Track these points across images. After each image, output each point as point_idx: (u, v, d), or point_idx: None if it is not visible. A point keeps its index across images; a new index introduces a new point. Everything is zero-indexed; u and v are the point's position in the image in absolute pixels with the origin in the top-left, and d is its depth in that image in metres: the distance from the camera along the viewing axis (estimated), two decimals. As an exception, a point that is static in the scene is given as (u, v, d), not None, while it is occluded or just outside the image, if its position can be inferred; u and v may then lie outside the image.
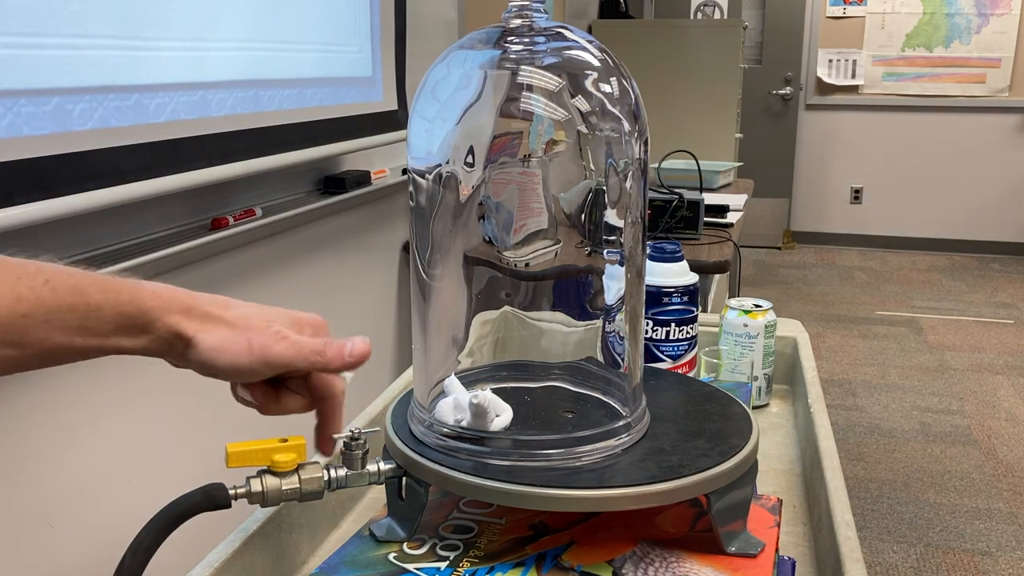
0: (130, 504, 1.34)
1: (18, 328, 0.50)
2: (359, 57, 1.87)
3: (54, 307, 0.51)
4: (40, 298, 0.51)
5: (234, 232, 1.50)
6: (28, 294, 0.50)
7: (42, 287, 0.51)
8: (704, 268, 1.99)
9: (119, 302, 0.54)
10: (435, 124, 0.65)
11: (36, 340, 0.51)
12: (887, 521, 2.41)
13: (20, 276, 0.51)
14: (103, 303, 0.53)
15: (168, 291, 0.57)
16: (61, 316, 0.52)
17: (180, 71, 1.30)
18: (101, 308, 0.53)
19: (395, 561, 0.61)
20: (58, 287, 0.52)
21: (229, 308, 0.58)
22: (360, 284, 2.13)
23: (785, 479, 0.89)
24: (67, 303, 0.52)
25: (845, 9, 5.60)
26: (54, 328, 0.52)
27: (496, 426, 0.63)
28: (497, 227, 0.65)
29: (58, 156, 1.08)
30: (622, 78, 0.64)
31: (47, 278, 0.52)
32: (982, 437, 2.91)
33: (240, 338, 0.56)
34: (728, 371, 1.04)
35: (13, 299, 0.50)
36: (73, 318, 0.52)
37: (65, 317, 0.52)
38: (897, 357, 3.69)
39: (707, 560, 0.61)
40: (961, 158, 5.58)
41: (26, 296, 0.50)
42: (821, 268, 5.30)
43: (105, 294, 0.53)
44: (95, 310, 0.53)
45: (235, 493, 0.59)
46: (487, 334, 0.69)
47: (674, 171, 2.74)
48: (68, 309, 0.52)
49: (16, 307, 0.50)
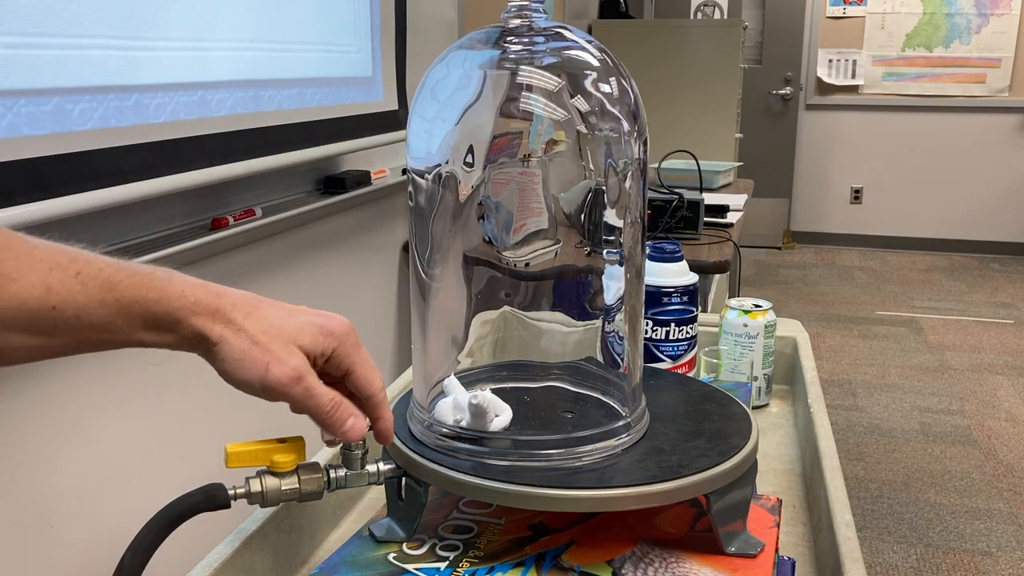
0: (130, 504, 1.34)
1: (47, 320, 0.51)
2: (359, 57, 1.87)
3: (83, 302, 0.52)
4: (70, 292, 0.51)
5: (234, 232, 1.50)
6: (59, 287, 0.51)
7: (73, 280, 0.51)
8: (704, 268, 1.99)
9: (148, 300, 0.54)
10: (434, 124, 0.65)
11: (64, 331, 0.52)
12: (887, 521, 2.41)
13: (52, 267, 0.51)
14: (132, 301, 0.53)
15: (198, 290, 0.56)
16: (90, 311, 0.52)
17: (180, 71, 1.30)
18: (129, 307, 0.53)
19: (395, 561, 0.61)
20: (88, 282, 0.52)
21: (256, 314, 0.57)
22: (360, 284, 2.13)
23: (785, 479, 0.89)
24: (96, 299, 0.52)
25: (845, 9, 5.60)
26: (83, 322, 0.52)
27: (496, 426, 0.63)
28: (497, 227, 0.65)
29: (58, 156, 1.08)
30: (621, 78, 0.64)
31: (78, 270, 0.52)
32: (982, 437, 2.91)
33: (259, 359, 0.56)
34: (728, 371, 1.04)
35: (43, 290, 0.50)
36: (102, 314, 0.53)
37: (94, 312, 0.52)
38: (897, 357, 3.69)
39: (707, 560, 0.61)
40: (961, 158, 5.58)
41: (56, 288, 0.51)
42: (821, 268, 5.30)
43: (135, 291, 0.53)
44: (124, 308, 0.53)
45: (235, 493, 0.59)
46: (487, 334, 0.69)
47: (674, 171, 2.74)
48: (98, 304, 0.52)
49: (46, 298, 0.50)
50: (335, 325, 0.59)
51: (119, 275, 0.53)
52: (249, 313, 0.57)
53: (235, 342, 0.56)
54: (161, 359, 1.40)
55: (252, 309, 0.57)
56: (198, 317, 0.55)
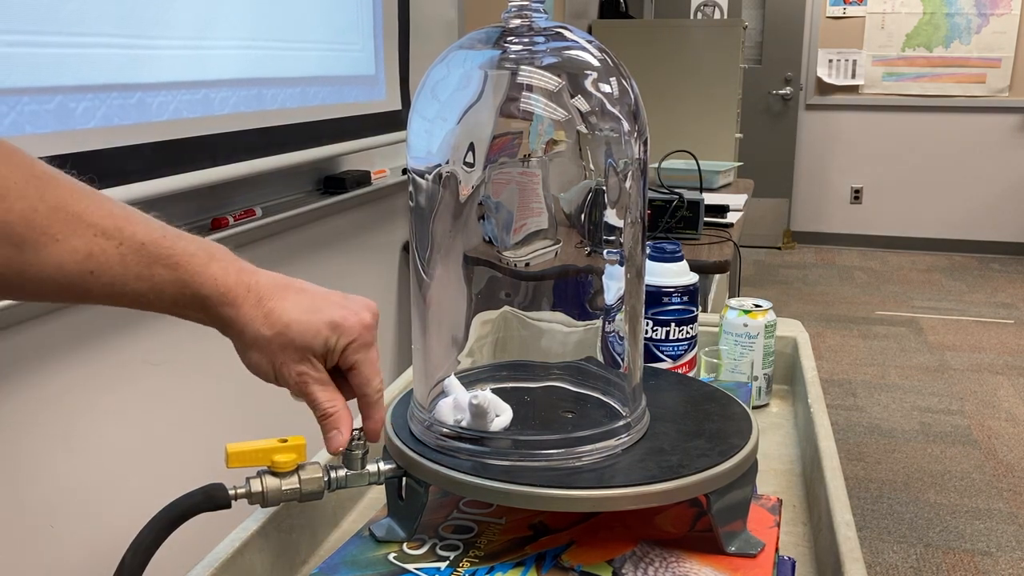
0: (130, 504, 1.34)
1: (83, 283, 0.52)
2: (362, 56, 1.87)
3: (120, 273, 0.53)
4: (109, 262, 0.52)
5: (234, 232, 1.50)
6: (99, 255, 0.52)
7: (114, 250, 0.53)
8: (704, 268, 1.99)
9: (182, 282, 0.56)
10: (435, 124, 0.65)
11: (98, 295, 0.53)
12: (887, 521, 2.41)
13: (97, 233, 0.52)
14: (166, 282, 0.55)
15: (230, 277, 0.58)
16: (124, 282, 0.53)
17: (183, 70, 1.30)
18: (163, 287, 0.55)
19: (395, 561, 0.61)
20: (128, 255, 0.53)
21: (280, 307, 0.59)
22: (360, 284, 2.12)
23: (785, 479, 0.89)
24: (134, 273, 0.54)
25: (845, 9, 5.60)
26: (116, 290, 0.54)
27: (496, 426, 0.63)
28: (497, 227, 0.65)
29: (60, 155, 1.08)
30: (622, 78, 0.64)
31: (121, 241, 0.53)
32: (982, 437, 2.91)
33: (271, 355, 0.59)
34: (728, 371, 1.04)
35: (84, 255, 0.51)
36: (138, 287, 0.54)
37: (129, 284, 0.54)
38: (897, 357, 3.69)
39: (707, 560, 0.61)
40: (961, 158, 5.57)
41: (97, 256, 0.52)
42: (821, 268, 5.30)
43: (173, 271, 0.55)
44: (158, 286, 0.55)
45: (235, 493, 0.59)
46: (487, 334, 0.69)
47: (674, 171, 2.74)
48: (134, 278, 0.54)
49: (85, 263, 0.52)
50: (352, 323, 0.61)
51: (160, 251, 0.55)
52: (273, 309, 0.59)
53: (253, 338, 0.59)
54: (161, 359, 1.40)
55: (279, 300, 0.60)
56: (225, 307, 0.58)
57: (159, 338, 1.38)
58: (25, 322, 1.15)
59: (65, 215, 0.51)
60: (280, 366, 0.60)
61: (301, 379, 0.60)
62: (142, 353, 1.36)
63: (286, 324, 0.59)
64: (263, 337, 0.59)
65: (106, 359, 1.29)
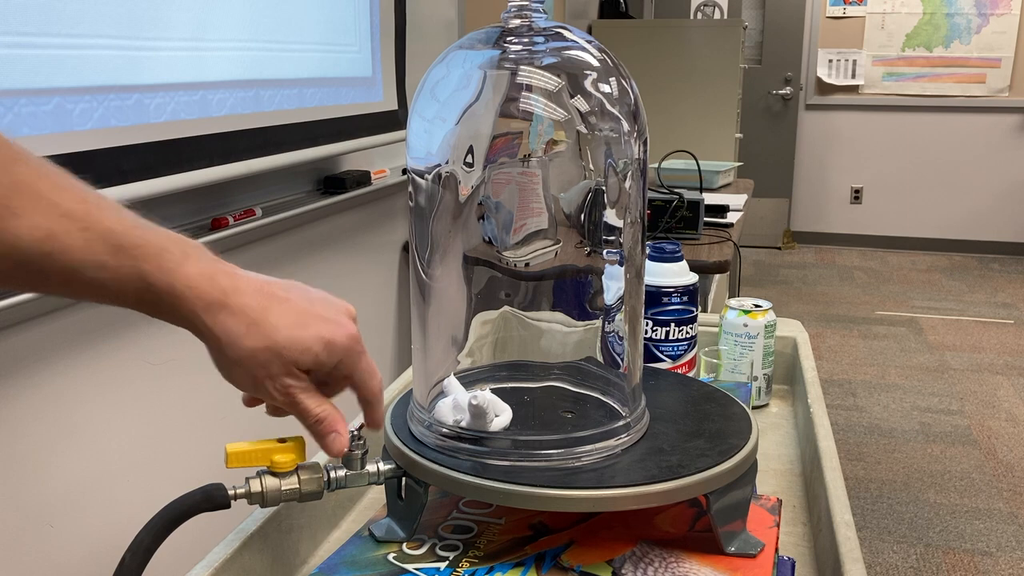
0: (130, 504, 1.34)
1: (38, 265, 0.49)
2: (359, 57, 1.87)
3: (81, 259, 0.49)
4: (72, 245, 0.49)
5: (234, 232, 1.50)
6: (62, 236, 0.49)
7: (78, 233, 0.49)
8: (704, 268, 1.99)
9: (147, 276, 0.51)
10: (434, 124, 0.65)
11: (56, 281, 0.50)
12: (887, 521, 2.41)
13: (63, 214, 0.49)
14: (130, 275, 0.51)
15: (204, 282, 0.53)
16: (85, 269, 0.50)
17: (180, 71, 1.30)
18: (126, 280, 0.51)
19: (395, 561, 0.61)
20: (94, 240, 0.50)
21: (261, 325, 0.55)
22: (360, 284, 2.12)
23: (785, 479, 0.89)
24: (97, 261, 0.50)
25: (845, 9, 5.60)
26: (76, 276, 0.50)
27: (496, 426, 0.63)
28: (497, 227, 0.65)
29: (58, 156, 1.08)
30: (621, 78, 0.64)
31: (87, 225, 0.49)
32: (982, 437, 2.91)
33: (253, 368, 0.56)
34: (728, 371, 1.04)
35: (45, 234, 0.48)
36: (99, 276, 0.50)
37: (89, 272, 0.50)
38: (897, 357, 3.69)
39: (707, 560, 0.61)
40: (961, 158, 5.58)
41: (59, 236, 0.48)
42: (821, 268, 5.30)
43: (138, 263, 0.51)
44: (121, 278, 0.51)
45: (234, 493, 0.59)
46: (487, 334, 0.69)
47: (674, 171, 2.74)
48: (97, 267, 0.50)
49: (44, 244, 0.48)
50: (340, 339, 0.58)
51: (127, 240, 0.51)
52: (256, 321, 0.55)
53: (232, 349, 0.55)
54: (161, 359, 1.40)
55: (262, 312, 0.55)
56: (198, 312, 0.53)
57: (159, 338, 1.38)
58: (25, 322, 1.15)
59: (29, 192, 0.48)
60: (263, 379, 0.56)
61: (287, 391, 0.57)
62: (142, 353, 1.36)
63: (272, 340, 0.55)
64: (245, 349, 0.54)
65: (106, 359, 1.29)
